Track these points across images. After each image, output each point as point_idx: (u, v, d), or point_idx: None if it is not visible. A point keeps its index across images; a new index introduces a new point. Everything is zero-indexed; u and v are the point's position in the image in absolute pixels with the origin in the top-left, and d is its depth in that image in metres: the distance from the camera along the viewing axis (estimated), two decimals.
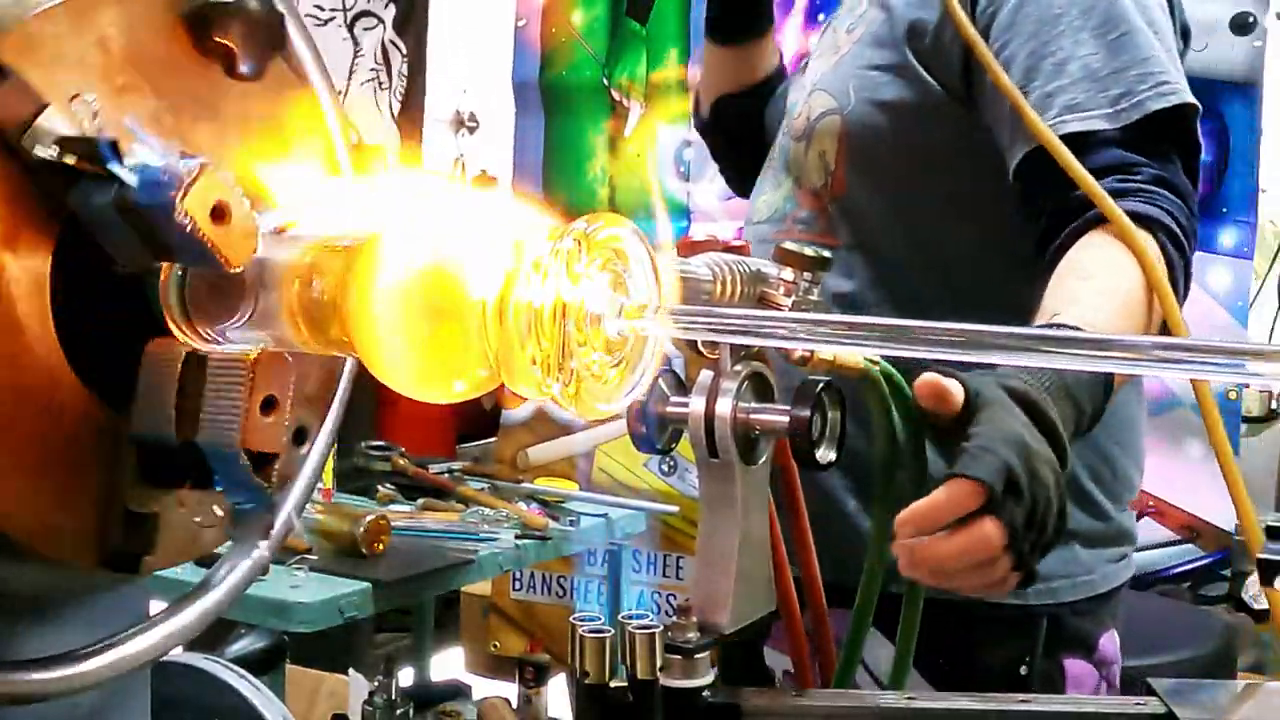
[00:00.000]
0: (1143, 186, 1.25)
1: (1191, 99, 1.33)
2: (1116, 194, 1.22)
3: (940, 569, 0.94)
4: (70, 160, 0.59)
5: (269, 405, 0.61)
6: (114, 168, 0.58)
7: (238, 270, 0.61)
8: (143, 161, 0.58)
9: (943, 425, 0.95)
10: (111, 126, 0.61)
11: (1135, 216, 1.21)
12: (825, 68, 1.57)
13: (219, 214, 0.59)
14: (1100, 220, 1.21)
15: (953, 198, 1.48)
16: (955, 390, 0.94)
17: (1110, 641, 1.49)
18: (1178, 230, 1.24)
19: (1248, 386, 3.53)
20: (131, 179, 0.58)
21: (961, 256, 1.47)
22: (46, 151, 0.59)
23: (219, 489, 0.63)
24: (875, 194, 1.51)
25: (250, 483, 0.62)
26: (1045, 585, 1.40)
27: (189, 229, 0.58)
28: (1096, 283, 1.18)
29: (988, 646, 1.42)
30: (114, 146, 0.59)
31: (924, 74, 1.46)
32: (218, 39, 0.66)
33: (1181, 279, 1.24)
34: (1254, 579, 3.35)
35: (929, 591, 1.07)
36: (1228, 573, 3.76)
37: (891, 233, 1.50)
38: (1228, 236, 3.66)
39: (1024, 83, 1.33)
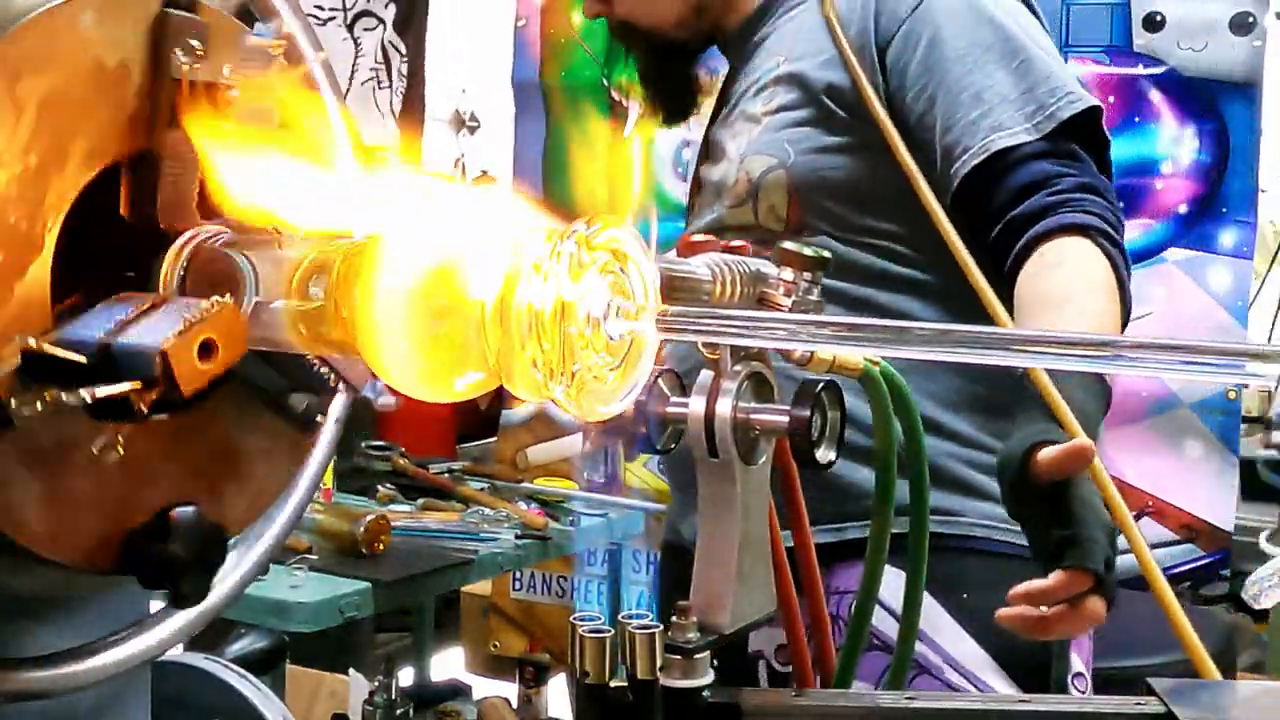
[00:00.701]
0: (1070, 196, 1.41)
1: (1095, 101, 1.50)
2: (1048, 208, 1.40)
3: (1048, 634, 1.13)
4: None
5: (207, 350, 0.59)
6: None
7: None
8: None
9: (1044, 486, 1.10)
10: None
11: (1071, 227, 1.37)
12: (749, 139, 1.64)
13: (206, 351, 0.59)
14: (1045, 235, 1.38)
15: (901, 235, 1.56)
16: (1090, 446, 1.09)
17: None
18: (1108, 228, 1.39)
19: (1247, 386, 3.53)
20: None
21: (919, 282, 1.56)
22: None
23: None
24: (832, 227, 1.58)
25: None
26: None
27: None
28: (1072, 307, 1.32)
29: (1007, 585, 1.45)
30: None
31: (853, 120, 1.56)
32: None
33: (1124, 268, 1.39)
34: (1253, 579, 3.35)
35: (935, 526, 1.17)
36: (1227, 572, 3.76)
37: (848, 248, 1.56)
38: (1228, 236, 3.66)
39: (948, 116, 1.49)
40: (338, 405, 0.77)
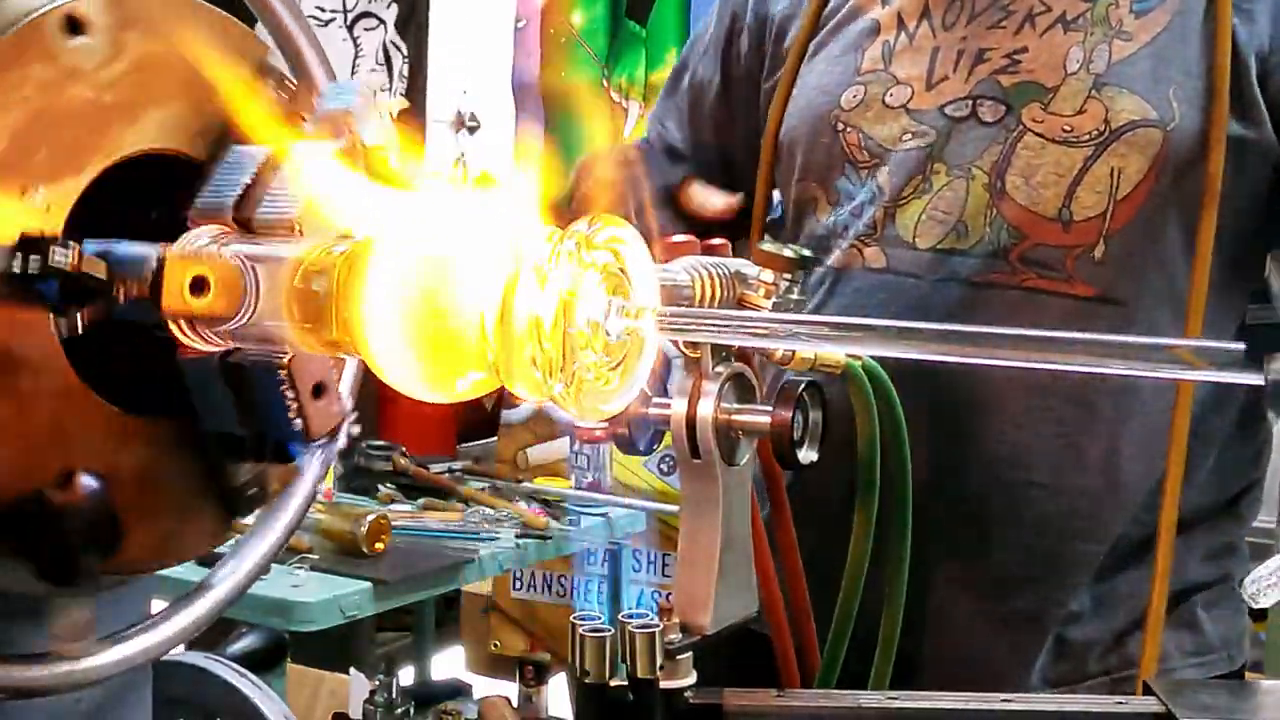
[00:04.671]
0: None
1: None
2: None
3: None
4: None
5: (320, 391, 0.64)
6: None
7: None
8: None
9: None
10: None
11: None
12: (1107, 57, 1.24)
13: (199, 287, 0.61)
14: None
15: (1238, 259, 1.27)
16: None
17: None
18: None
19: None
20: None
21: (1220, 330, 1.26)
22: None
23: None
24: (1168, 240, 1.24)
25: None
26: None
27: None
28: None
29: None
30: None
31: (1263, 109, 1.23)
32: None
33: None
34: (1252, 578, 3.35)
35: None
36: None
37: (1168, 290, 1.24)
38: None
39: None
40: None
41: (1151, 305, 1.24)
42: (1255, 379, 0.56)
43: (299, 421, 0.64)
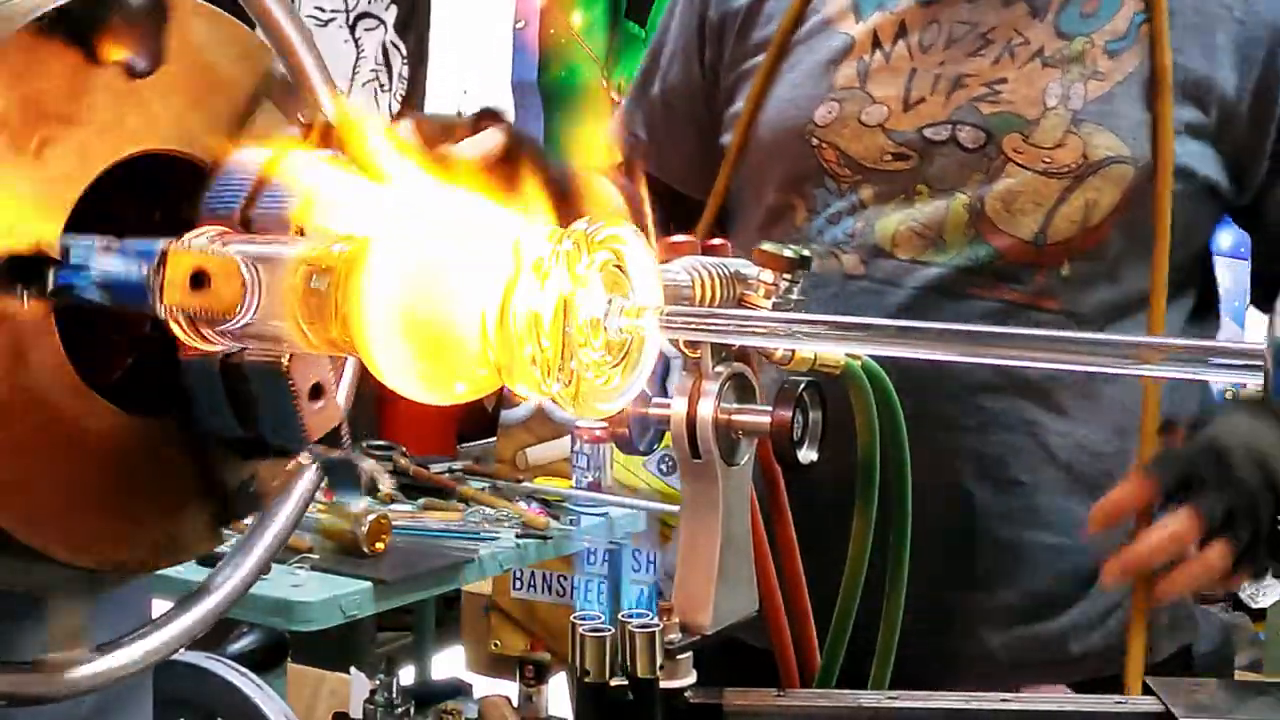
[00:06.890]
0: None
1: None
2: None
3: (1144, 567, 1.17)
4: None
5: (317, 392, 0.65)
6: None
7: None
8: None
9: None
10: None
11: None
12: (1084, 95, 1.33)
13: (198, 281, 0.61)
14: None
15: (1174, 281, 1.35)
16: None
17: None
18: None
19: (1244, 386, 3.53)
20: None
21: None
22: None
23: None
24: (1125, 267, 1.34)
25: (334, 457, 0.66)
26: None
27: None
28: None
29: None
30: None
31: (1214, 146, 1.34)
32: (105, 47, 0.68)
33: None
34: None
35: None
36: None
37: (1119, 309, 1.35)
38: (1225, 237, 3.65)
39: None
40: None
41: (1102, 319, 1.34)
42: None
43: (297, 423, 0.64)
